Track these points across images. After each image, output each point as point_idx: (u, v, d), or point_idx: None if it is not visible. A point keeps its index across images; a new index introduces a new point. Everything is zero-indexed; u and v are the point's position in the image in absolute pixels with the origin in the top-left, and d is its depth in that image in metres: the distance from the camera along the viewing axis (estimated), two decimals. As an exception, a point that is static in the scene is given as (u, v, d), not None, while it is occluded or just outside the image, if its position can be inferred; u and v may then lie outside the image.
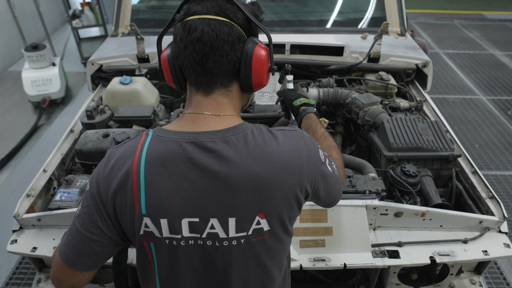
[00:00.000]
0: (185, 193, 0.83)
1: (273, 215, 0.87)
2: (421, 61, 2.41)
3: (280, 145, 0.87)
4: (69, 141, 1.93)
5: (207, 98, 0.90)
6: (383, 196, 1.48)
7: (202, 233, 0.85)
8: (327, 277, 1.68)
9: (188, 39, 0.85)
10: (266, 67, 0.94)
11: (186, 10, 0.88)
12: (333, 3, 2.95)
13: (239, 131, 0.86)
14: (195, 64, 0.87)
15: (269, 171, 0.84)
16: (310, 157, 0.90)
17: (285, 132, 0.91)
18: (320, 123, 1.32)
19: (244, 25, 0.90)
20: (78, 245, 0.87)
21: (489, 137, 4.17)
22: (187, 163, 0.82)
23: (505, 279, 2.60)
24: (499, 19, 8.25)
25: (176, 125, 0.90)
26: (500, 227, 1.49)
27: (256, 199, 0.84)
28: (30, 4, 5.69)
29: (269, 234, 0.89)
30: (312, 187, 0.92)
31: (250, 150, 0.84)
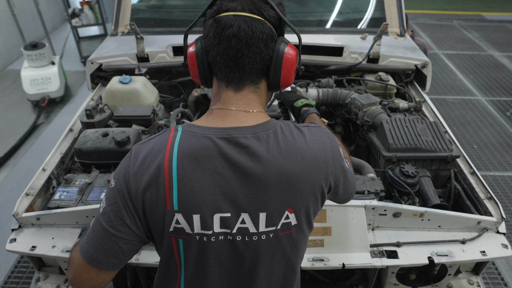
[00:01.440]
0: (218, 189, 0.83)
1: (301, 209, 0.88)
2: (420, 62, 2.42)
3: (308, 141, 0.89)
4: (68, 140, 1.93)
5: (238, 94, 0.90)
6: (382, 196, 1.48)
7: (233, 228, 0.86)
8: (326, 277, 1.68)
9: (223, 34, 0.86)
10: (294, 67, 0.95)
11: (219, 6, 0.88)
12: (333, 3, 2.95)
13: (269, 127, 0.87)
14: (228, 60, 0.87)
15: (299, 167, 0.85)
16: (334, 153, 0.92)
17: (311, 128, 0.93)
18: (323, 123, 1.33)
19: (276, 25, 0.91)
20: (104, 243, 0.85)
21: (487, 138, 4.17)
22: (220, 158, 0.83)
23: (503, 280, 2.61)
24: (498, 20, 8.27)
25: (206, 121, 0.90)
26: (498, 227, 1.50)
27: (287, 194, 0.85)
28: (29, 3, 5.68)
29: (296, 229, 0.90)
30: (335, 182, 0.94)
31: (280, 146, 0.85)
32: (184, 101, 2.62)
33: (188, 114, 2.27)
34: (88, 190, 1.56)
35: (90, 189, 1.57)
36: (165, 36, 2.64)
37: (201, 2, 3.04)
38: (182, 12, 2.99)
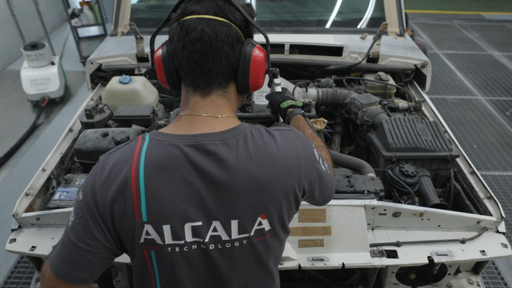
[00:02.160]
0: (187, 198, 0.82)
1: (274, 215, 0.87)
2: (420, 62, 2.42)
3: (279, 145, 0.87)
4: (68, 140, 1.93)
5: (205, 99, 0.89)
6: (381, 196, 1.48)
7: (205, 237, 0.84)
8: (326, 276, 1.68)
9: (187, 38, 0.84)
10: (263, 69, 0.94)
11: (183, 9, 0.87)
12: (333, 3, 2.95)
13: (238, 133, 0.86)
14: (193, 64, 0.85)
15: (270, 172, 0.84)
16: (307, 156, 0.91)
17: (283, 132, 0.92)
18: (308, 124, 1.33)
19: (242, 26, 0.90)
20: (74, 258, 0.83)
21: (487, 138, 4.18)
22: (189, 166, 0.81)
23: (503, 279, 2.61)
24: (498, 20, 8.27)
25: (174, 128, 0.88)
26: (498, 227, 1.50)
27: (258, 200, 0.85)
28: (29, 3, 5.68)
29: (270, 234, 0.89)
30: (309, 186, 0.93)
31: (250, 152, 0.84)
32: (184, 101, 2.62)
33: (188, 114, 2.27)
34: (88, 190, 1.56)
35: (90, 189, 1.56)
36: (165, 36, 2.62)
37: (200, 2, 3.04)
38: (181, 12, 2.98)
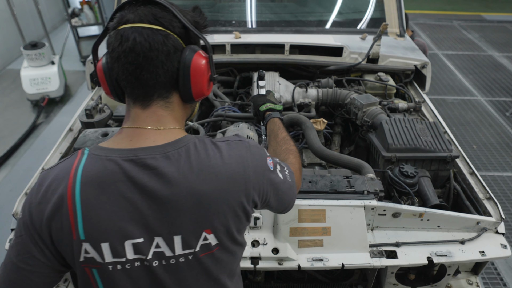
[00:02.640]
0: (126, 214, 0.79)
1: (220, 229, 0.85)
2: (420, 62, 2.42)
3: (224, 157, 0.85)
4: (68, 140, 1.93)
5: (146, 111, 0.86)
6: (381, 196, 1.49)
7: (148, 254, 0.82)
8: (325, 277, 1.68)
9: (120, 49, 0.81)
10: (206, 76, 0.90)
11: (119, 18, 0.83)
12: (333, 3, 2.95)
13: (181, 145, 0.83)
14: (129, 76, 0.83)
15: (213, 186, 0.82)
16: (256, 166, 0.89)
17: (230, 143, 0.89)
18: (283, 127, 1.34)
19: (181, 33, 0.86)
20: (15, 278, 0.81)
21: (487, 138, 4.18)
22: (127, 182, 0.79)
23: (502, 280, 2.61)
24: (498, 21, 8.28)
25: (114, 142, 0.85)
26: (497, 228, 1.50)
27: (201, 215, 0.82)
28: (29, 3, 5.68)
29: (217, 248, 0.87)
30: (261, 197, 0.91)
31: (193, 165, 0.82)
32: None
33: (187, 114, 2.27)
34: (88, 190, 1.56)
35: (90, 189, 1.56)
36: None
37: (200, 2, 3.04)
38: (182, 12, 2.99)
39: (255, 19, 2.84)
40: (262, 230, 1.42)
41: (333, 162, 1.75)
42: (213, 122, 2.15)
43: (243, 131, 1.91)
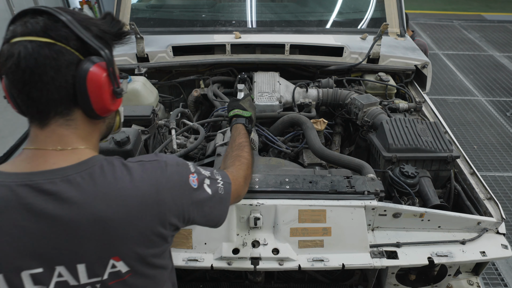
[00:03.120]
0: (21, 244, 0.74)
1: (130, 256, 0.81)
2: (420, 62, 2.41)
3: (135, 180, 0.81)
4: (68, 140, 1.92)
5: (44, 130, 0.79)
6: (381, 197, 1.48)
7: (49, 284, 0.77)
8: (326, 277, 1.68)
9: (6, 66, 0.75)
10: (106, 89, 0.83)
11: (10, 31, 0.77)
12: (333, 3, 2.95)
13: (84, 168, 0.78)
14: (20, 94, 0.77)
15: (120, 211, 0.78)
16: (173, 188, 0.85)
17: (144, 164, 0.85)
18: (244, 134, 1.33)
19: (77, 45, 0.79)
20: None
21: (487, 138, 4.17)
22: (21, 210, 0.73)
23: (503, 280, 2.61)
24: (499, 20, 8.27)
25: (13, 165, 0.79)
26: (498, 228, 1.49)
27: (107, 242, 0.78)
28: (29, 2, 5.68)
29: (130, 275, 0.83)
30: (182, 218, 0.88)
31: (98, 189, 0.77)
32: (184, 101, 2.62)
33: (187, 114, 2.27)
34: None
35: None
36: (165, 36, 2.64)
37: (200, 2, 3.04)
38: (182, 12, 2.99)
39: (255, 19, 2.83)
40: (262, 231, 1.42)
41: (334, 162, 1.75)
42: (213, 122, 2.14)
43: (243, 131, 1.91)
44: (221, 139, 1.91)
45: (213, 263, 1.35)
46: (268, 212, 1.41)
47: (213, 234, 1.39)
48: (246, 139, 1.30)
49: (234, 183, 1.05)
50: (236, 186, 1.06)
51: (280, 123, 2.03)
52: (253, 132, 1.97)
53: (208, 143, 2.03)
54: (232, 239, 1.39)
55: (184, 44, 2.50)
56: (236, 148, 1.25)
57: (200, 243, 1.39)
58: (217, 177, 0.99)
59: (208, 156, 1.90)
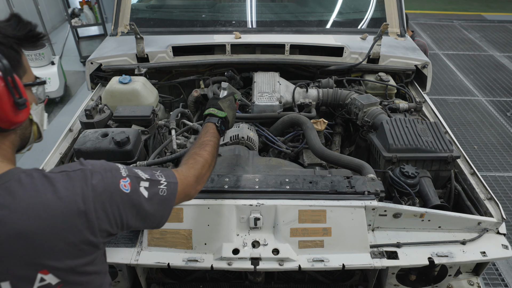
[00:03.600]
0: None
1: (59, 267, 0.79)
2: (421, 62, 2.41)
3: (58, 191, 0.79)
4: (68, 141, 1.92)
5: None
6: (382, 197, 1.48)
7: None
8: (326, 277, 1.68)
9: None
10: (6, 101, 0.79)
11: None
12: (333, 3, 2.95)
13: (1, 182, 0.76)
14: None
15: (43, 224, 0.76)
16: (101, 196, 0.83)
17: (68, 173, 0.83)
18: (212, 133, 1.30)
19: None
20: None
21: (488, 139, 4.17)
22: None
23: (503, 280, 2.60)
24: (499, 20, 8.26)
25: None
26: (499, 228, 1.49)
27: (33, 257, 0.76)
28: (29, 3, 5.67)
29: (61, 285, 0.81)
30: (114, 225, 0.86)
31: (17, 204, 0.74)
32: (184, 101, 2.61)
33: (188, 115, 2.26)
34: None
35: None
36: (165, 36, 2.64)
37: (200, 2, 3.04)
38: (182, 12, 2.99)
39: (255, 19, 2.83)
40: (262, 231, 1.42)
41: (334, 162, 1.74)
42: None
43: (243, 131, 1.90)
44: (221, 140, 1.91)
45: (213, 264, 1.35)
46: (268, 213, 1.41)
47: (213, 235, 1.39)
48: (212, 139, 1.28)
49: (182, 182, 1.04)
50: (184, 185, 1.05)
51: (280, 123, 2.03)
52: (253, 132, 1.97)
53: (208, 143, 2.03)
54: (232, 240, 1.39)
55: (184, 44, 2.49)
56: (197, 146, 1.23)
57: (200, 243, 1.39)
58: (159, 178, 0.98)
59: (208, 156, 1.89)
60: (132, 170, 0.94)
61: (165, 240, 1.40)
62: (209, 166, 1.19)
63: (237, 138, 1.87)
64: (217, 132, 1.33)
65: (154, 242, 1.40)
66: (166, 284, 1.64)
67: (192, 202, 1.41)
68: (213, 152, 1.23)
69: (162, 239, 1.40)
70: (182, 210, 1.40)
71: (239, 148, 1.80)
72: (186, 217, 1.40)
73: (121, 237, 1.45)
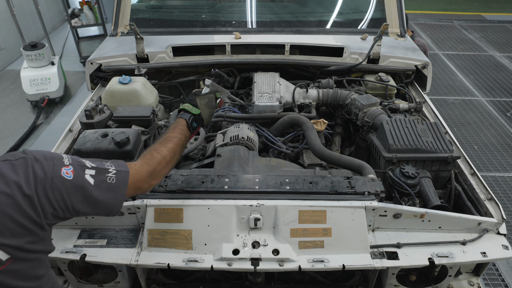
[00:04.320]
0: None
1: (8, 244, 0.88)
2: (421, 62, 2.41)
3: (4, 176, 0.88)
4: (67, 141, 1.92)
5: None
6: (382, 197, 1.48)
7: None
8: (326, 278, 1.68)
9: None
10: None
11: None
12: (333, 4, 2.95)
13: None
14: None
15: None
16: (42, 181, 0.92)
17: (12, 162, 0.92)
18: (181, 129, 1.33)
19: None
20: None
21: (488, 139, 4.17)
22: None
23: (504, 281, 2.60)
24: (499, 21, 8.27)
25: None
26: (499, 228, 1.49)
27: None
28: (29, 3, 5.68)
29: (11, 261, 0.90)
30: (59, 208, 0.95)
31: None
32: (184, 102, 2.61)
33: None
34: (87, 191, 1.55)
35: (90, 190, 1.56)
36: (165, 36, 2.64)
37: (200, 3, 3.04)
38: (181, 13, 2.99)
39: (255, 20, 2.83)
40: (262, 231, 1.42)
41: (334, 163, 1.74)
42: (213, 123, 2.14)
43: (243, 131, 1.90)
44: (221, 140, 1.91)
45: (213, 264, 1.35)
46: (268, 213, 1.40)
47: (213, 235, 1.39)
48: (178, 135, 1.30)
49: (134, 175, 1.10)
50: (135, 178, 1.11)
51: (280, 123, 2.03)
52: (253, 132, 1.96)
53: (208, 144, 2.03)
54: (232, 240, 1.39)
55: (184, 45, 2.49)
56: (160, 141, 1.27)
57: (200, 244, 1.39)
58: (108, 167, 1.05)
59: (208, 156, 1.89)
60: (78, 160, 1.02)
61: (165, 241, 1.39)
62: (166, 163, 1.23)
63: (237, 138, 1.87)
64: (186, 128, 1.35)
65: (154, 242, 1.40)
66: (166, 284, 1.64)
67: (192, 203, 1.41)
68: (174, 149, 1.26)
69: (162, 239, 1.39)
70: (182, 211, 1.40)
71: (239, 149, 1.80)
72: (186, 217, 1.40)
73: (121, 237, 1.45)
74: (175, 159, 1.27)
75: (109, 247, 1.41)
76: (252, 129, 1.99)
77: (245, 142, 1.86)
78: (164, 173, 1.23)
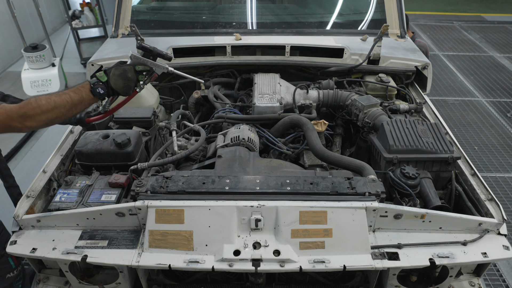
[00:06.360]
0: None
1: None
2: (421, 63, 2.41)
3: None
4: (69, 142, 1.92)
5: None
6: (382, 198, 1.48)
7: None
8: (327, 279, 1.68)
9: None
10: None
11: None
12: (333, 5, 2.95)
13: None
14: None
15: None
16: None
17: None
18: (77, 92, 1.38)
19: None
20: None
21: (488, 139, 4.17)
22: None
23: (504, 281, 2.60)
24: (499, 21, 8.27)
25: None
26: (500, 229, 1.49)
27: None
28: (29, 5, 5.68)
29: None
30: None
31: None
32: (184, 103, 2.62)
33: (188, 116, 2.27)
34: (89, 192, 1.56)
35: (91, 191, 1.56)
36: (166, 37, 2.64)
37: (201, 4, 3.05)
38: (182, 14, 2.99)
39: (256, 21, 2.84)
40: (263, 232, 1.42)
41: (334, 163, 1.75)
42: (214, 124, 2.15)
43: (244, 132, 1.91)
44: (222, 141, 1.91)
45: (214, 265, 1.35)
46: (269, 214, 1.41)
47: (214, 236, 1.39)
48: (71, 93, 1.36)
49: (3, 113, 1.25)
50: (4, 116, 1.26)
51: (281, 124, 2.03)
52: (254, 133, 1.97)
53: (208, 145, 2.03)
54: (233, 241, 1.39)
55: (185, 46, 2.50)
56: (52, 94, 1.33)
57: (201, 244, 1.39)
58: None
59: (209, 157, 1.90)
60: None
61: (166, 242, 1.40)
62: (41, 111, 1.30)
63: (237, 139, 1.87)
64: (88, 91, 1.40)
65: (155, 243, 1.40)
66: (167, 285, 1.64)
67: (193, 204, 1.41)
68: (57, 102, 1.32)
69: (163, 240, 1.40)
70: (183, 212, 1.40)
71: (240, 149, 1.80)
72: (187, 218, 1.40)
73: (122, 238, 1.45)
74: (56, 111, 1.33)
75: (110, 248, 1.41)
76: (252, 130, 1.99)
77: (246, 143, 1.87)
78: (41, 119, 1.31)
